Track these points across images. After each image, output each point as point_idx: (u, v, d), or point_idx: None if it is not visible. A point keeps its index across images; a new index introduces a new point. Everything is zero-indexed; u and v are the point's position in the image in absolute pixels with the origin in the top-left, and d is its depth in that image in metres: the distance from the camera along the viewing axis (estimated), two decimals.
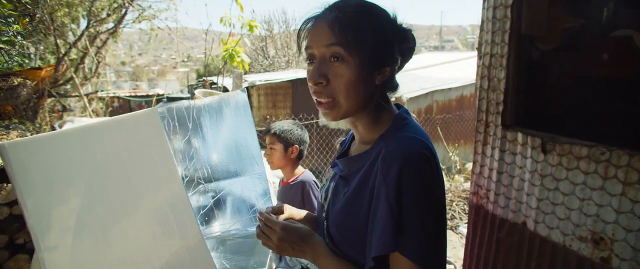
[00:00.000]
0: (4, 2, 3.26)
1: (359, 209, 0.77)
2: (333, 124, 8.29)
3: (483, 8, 1.59)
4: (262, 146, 1.78)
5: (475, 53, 1.65)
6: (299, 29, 0.81)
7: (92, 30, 3.98)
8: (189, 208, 1.05)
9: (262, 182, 1.72)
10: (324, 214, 0.91)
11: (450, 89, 7.71)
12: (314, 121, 7.65)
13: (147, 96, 10.79)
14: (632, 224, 1.18)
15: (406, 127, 0.79)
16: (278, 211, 0.96)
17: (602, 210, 1.24)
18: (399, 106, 0.88)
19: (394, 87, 0.84)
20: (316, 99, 0.77)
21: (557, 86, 1.67)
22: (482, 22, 1.60)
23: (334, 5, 0.77)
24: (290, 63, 14.57)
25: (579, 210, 1.31)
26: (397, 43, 0.78)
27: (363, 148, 0.84)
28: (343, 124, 8.35)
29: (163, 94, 10.74)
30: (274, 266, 1.75)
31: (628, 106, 1.44)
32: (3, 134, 2.39)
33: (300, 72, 9.76)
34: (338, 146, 1.37)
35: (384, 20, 0.77)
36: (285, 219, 0.97)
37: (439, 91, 7.54)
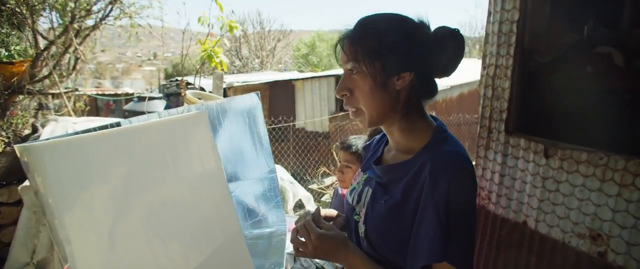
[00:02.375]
0: None
1: (402, 218, 0.80)
2: (310, 127, 8.34)
3: (488, 22, 1.71)
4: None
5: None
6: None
7: (75, 25, 3.79)
8: (232, 210, 1.06)
9: (272, 184, 1.74)
10: (355, 217, 0.95)
11: None
12: (291, 123, 7.65)
13: (116, 94, 10.32)
14: (627, 221, 1.31)
15: (448, 140, 0.83)
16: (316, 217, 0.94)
17: (599, 209, 1.37)
18: (434, 117, 0.91)
19: (427, 93, 0.86)
20: (347, 110, 0.85)
21: (551, 95, 1.82)
22: (487, 35, 1.71)
23: (355, 24, 0.83)
24: (264, 64, 14.48)
25: (578, 210, 1.44)
26: (418, 48, 0.79)
27: (402, 157, 0.86)
28: (320, 127, 8.43)
29: (132, 93, 10.32)
30: (289, 267, 1.77)
31: (619, 114, 1.60)
32: None
33: (278, 75, 9.74)
34: (362, 150, 1.42)
35: (397, 28, 0.80)
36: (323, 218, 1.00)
37: None
